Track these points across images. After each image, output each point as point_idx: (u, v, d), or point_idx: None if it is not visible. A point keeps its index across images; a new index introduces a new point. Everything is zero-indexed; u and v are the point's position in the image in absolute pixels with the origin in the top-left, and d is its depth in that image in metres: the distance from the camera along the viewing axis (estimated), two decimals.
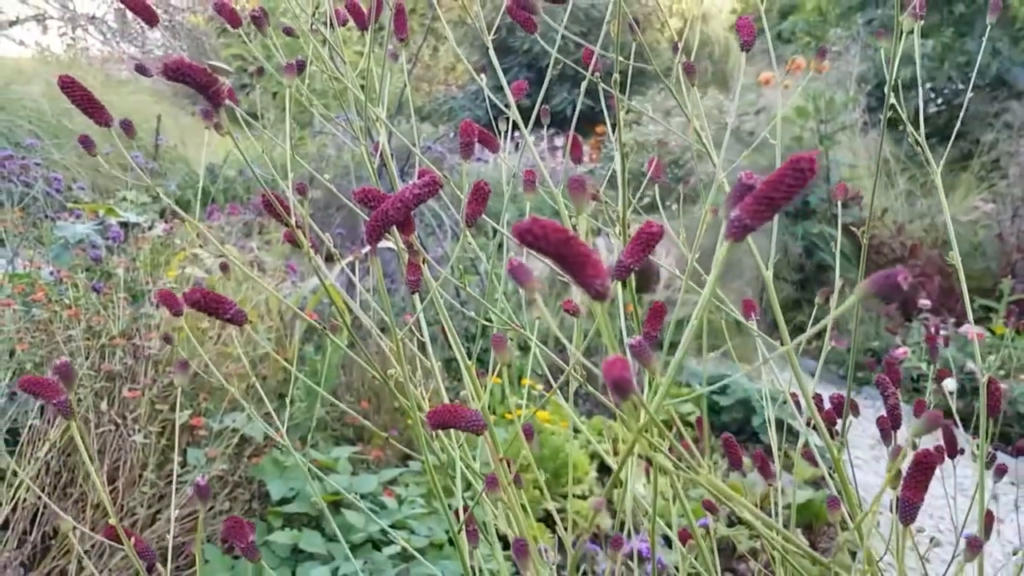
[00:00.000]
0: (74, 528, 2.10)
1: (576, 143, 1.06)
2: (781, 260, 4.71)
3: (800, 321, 4.87)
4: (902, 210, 5.18)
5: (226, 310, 0.68)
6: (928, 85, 8.15)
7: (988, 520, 0.96)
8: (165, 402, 2.32)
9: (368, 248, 0.60)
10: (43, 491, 2.25)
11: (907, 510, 0.62)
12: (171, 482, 2.32)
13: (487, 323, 0.97)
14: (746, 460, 3.17)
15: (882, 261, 4.86)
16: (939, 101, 8.26)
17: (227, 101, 0.68)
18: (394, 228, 0.67)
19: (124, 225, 3.64)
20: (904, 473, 0.62)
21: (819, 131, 4.82)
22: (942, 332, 4.11)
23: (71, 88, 0.71)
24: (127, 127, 0.86)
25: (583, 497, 2.87)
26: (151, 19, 0.86)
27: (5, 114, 5.11)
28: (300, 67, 0.97)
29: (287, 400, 1.58)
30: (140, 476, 2.26)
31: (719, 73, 11.14)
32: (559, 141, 7.56)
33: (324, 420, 2.68)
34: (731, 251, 0.47)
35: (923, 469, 0.59)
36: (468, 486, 1.09)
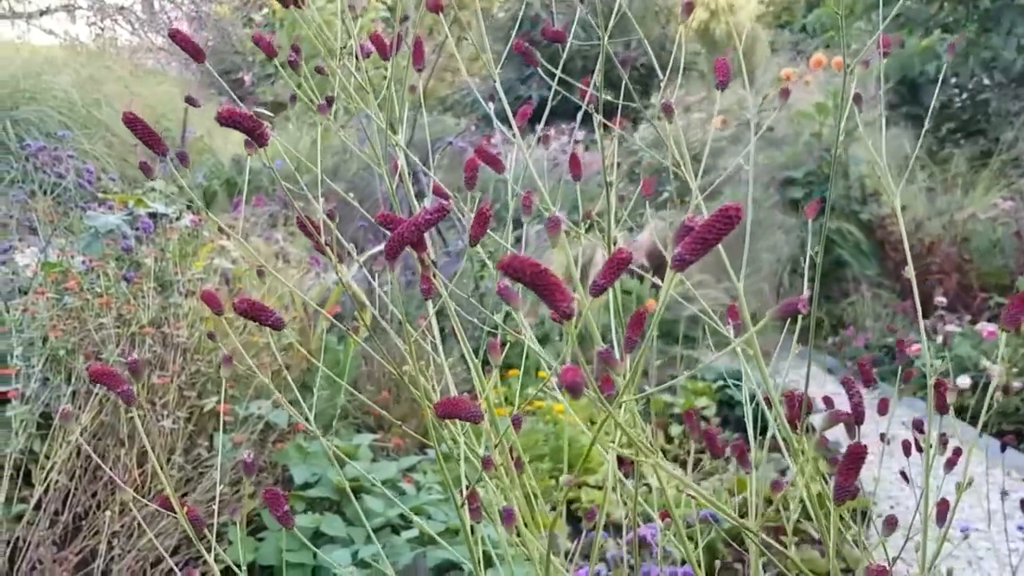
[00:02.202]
0: (104, 510, 2.18)
1: (576, 162, 1.12)
2: (798, 255, 4.74)
3: (816, 317, 4.88)
4: (922, 207, 5.19)
5: (267, 317, 0.75)
6: (953, 80, 8.12)
7: (942, 508, 1.02)
8: (193, 389, 2.39)
9: (388, 263, 0.67)
10: (74, 474, 2.33)
11: (839, 492, 0.68)
12: (198, 466, 2.40)
13: (491, 331, 1.03)
14: (759, 453, 3.20)
15: (899, 258, 4.87)
16: (963, 96, 8.23)
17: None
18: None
19: (153, 216, 3.73)
20: (841, 462, 0.68)
21: (838, 127, 4.82)
22: (954, 328, 4.14)
23: (134, 123, 0.78)
24: (183, 158, 0.93)
25: (598, 487, 2.93)
26: (198, 56, 0.93)
27: (36, 104, 5.22)
28: (329, 103, 1.04)
29: (313, 389, 1.65)
30: (168, 460, 2.34)
31: (746, 65, 11.12)
32: (580, 135, 7.60)
33: (346, 409, 2.75)
34: (675, 279, 0.53)
35: (854, 458, 0.66)
36: (479, 478, 1.15)
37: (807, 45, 9.58)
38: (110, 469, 2.32)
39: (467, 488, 0.88)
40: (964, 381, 3.84)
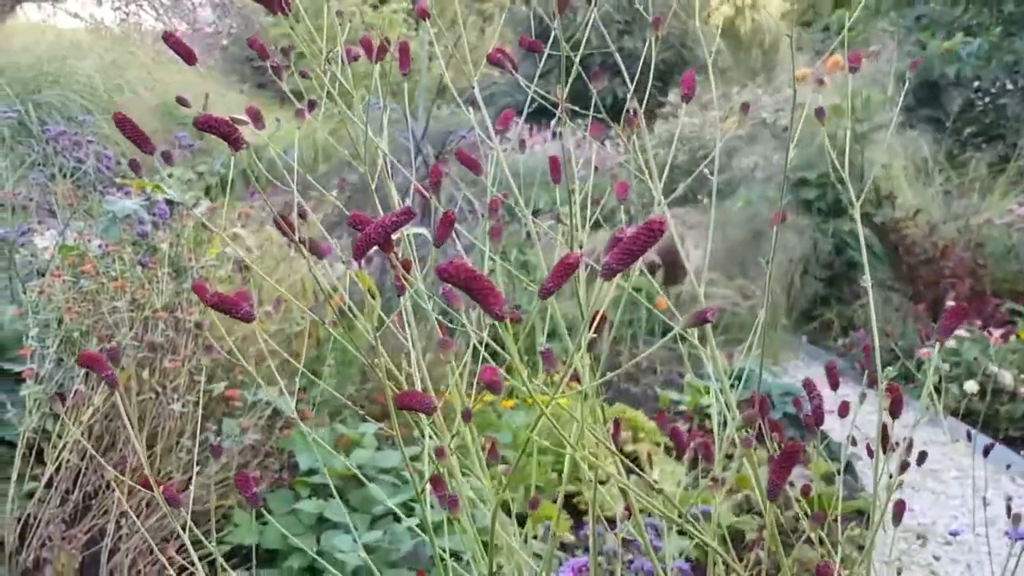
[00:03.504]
0: (113, 489, 2.23)
1: (555, 165, 1.14)
2: (810, 257, 4.75)
3: (828, 318, 4.90)
4: (937, 210, 5.18)
5: (237, 311, 0.79)
6: (975, 83, 8.07)
7: (899, 508, 1.05)
8: (203, 373, 2.43)
9: (355, 261, 0.70)
10: (85, 454, 2.38)
11: (772, 490, 0.70)
12: (206, 449, 2.44)
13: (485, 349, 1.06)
14: (763, 454, 3.21)
15: (913, 261, 4.87)
16: (985, 100, 8.18)
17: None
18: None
19: (170, 202, 3.78)
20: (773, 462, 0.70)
21: (854, 130, 4.83)
22: (964, 333, 4.13)
23: (123, 123, 0.81)
24: (167, 158, 0.96)
25: (602, 482, 2.95)
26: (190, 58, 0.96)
27: (59, 88, 5.28)
28: (312, 106, 1.07)
29: (322, 372, 1.68)
30: (177, 443, 2.38)
31: (769, 63, 11.05)
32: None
33: (353, 396, 2.79)
34: (609, 287, 0.55)
35: (787, 457, 0.68)
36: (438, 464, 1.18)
37: (829, 44, 9.52)
38: (119, 451, 2.36)
39: (433, 479, 0.91)
40: (972, 386, 3.84)
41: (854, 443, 1.26)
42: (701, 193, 5.30)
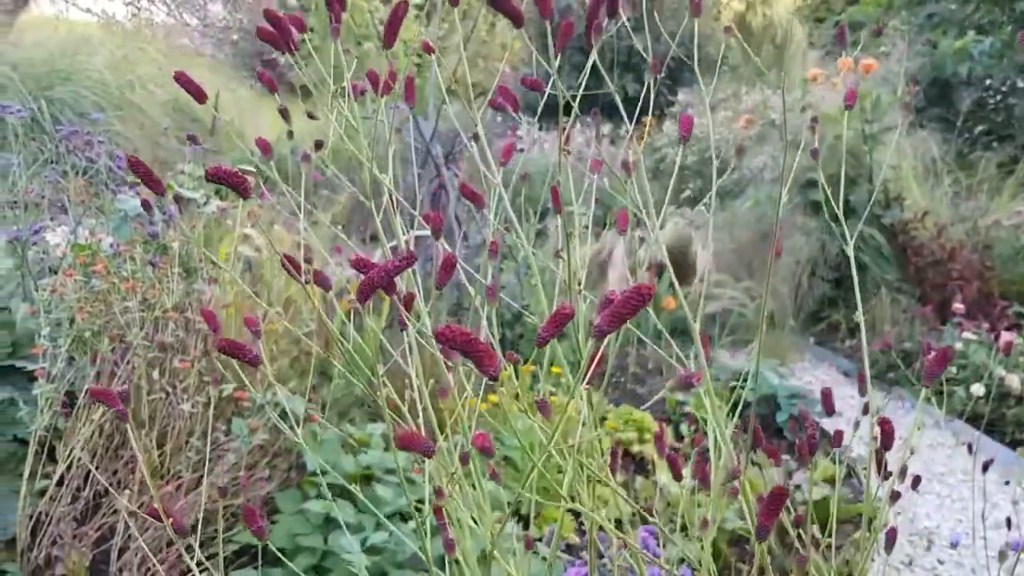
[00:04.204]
0: (123, 488, 2.26)
1: (555, 196, 1.15)
2: (818, 259, 4.75)
3: (835, 320, 4.90)
4: (945, 211, 5.17)
5: (245, 355, 0.81)
6: (987, 81, 8.04)
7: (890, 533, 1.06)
8: (212, 374, 2.46)
9: (360, 304, 0.72)
10: (96, 452, 2.41)
11: (760, 532, 0.71)
12: (214, 449, 2.47)
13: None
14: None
15: (921, 263, 4.86)
16: (996, 98, 8.15)
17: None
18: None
19: (179, 199, 3.80)
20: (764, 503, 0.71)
21: (864, 131, 4.83)
22: (971, 336, 4.13)
23: (137, 166, 0.83)
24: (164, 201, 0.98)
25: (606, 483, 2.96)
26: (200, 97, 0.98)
27: (71, 84, 5.31)
28: (318, 146, 1.09)
29: (331, 372, 1.70)
30: (187, 442, 2.40)
31: (780, 58, 11.00)
32: (606, 128, 7.61)
33: (362, 398, 2.81)
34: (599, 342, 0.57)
35: (774, 501, 0.69)
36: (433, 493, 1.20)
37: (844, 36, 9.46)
38: (129, 450, 2.39)
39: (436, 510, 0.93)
40: (978, 389, 3.84)
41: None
42: (710, 194, 5.30)
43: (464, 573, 1.28)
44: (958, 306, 4.36)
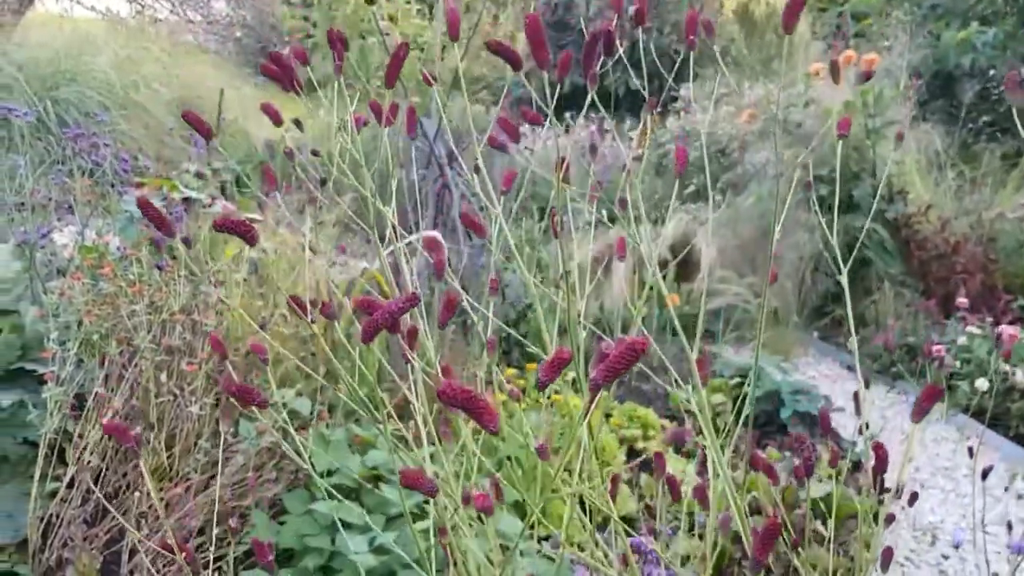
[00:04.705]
0: (133, 490, 2.28)
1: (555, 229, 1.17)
2: (822, 254, 4.75)
3: (838, 315, 4.91)
4: (949, 205, 5.17)
5: (254, 399, 0.84)
6: (991, 72, 8.03)
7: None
8: (220, 376, 2.48)
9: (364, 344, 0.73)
10: (105, 454, 2.44)
11: (754, 566, 0.73)
12: (225, 449, 2.49)
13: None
14: (773, 452, 3.24)
15: (925, 256, 4.86)
16: (1000, 89, 8.12)
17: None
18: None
19: (186, 200, 3.83)
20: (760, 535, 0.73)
21: (867, 126, 4.83)
22: (975, 330, 4.14)
23: (147, 208, 0.84)
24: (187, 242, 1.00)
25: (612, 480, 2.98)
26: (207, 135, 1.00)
27: (76, 84, 5.34)
28: (323, 183, 1.11)
29: (338, 378, 1.72)
30: (195, 444, 2.43)
31: (784, 49, 10.93)
32: (608, 124, 7.62)
33: (371, 398, 2.83)
34: (598, 394, 0.59)
35: (768, 534, 0.71)
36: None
37: (845, 30, 9.47)
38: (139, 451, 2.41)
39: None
40: (983, 384, 3.84)
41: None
42: (714, 189, 5.31)
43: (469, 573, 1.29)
44: (962, 300, 4.37)
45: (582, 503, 2.89)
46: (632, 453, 3.23)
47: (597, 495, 1.05)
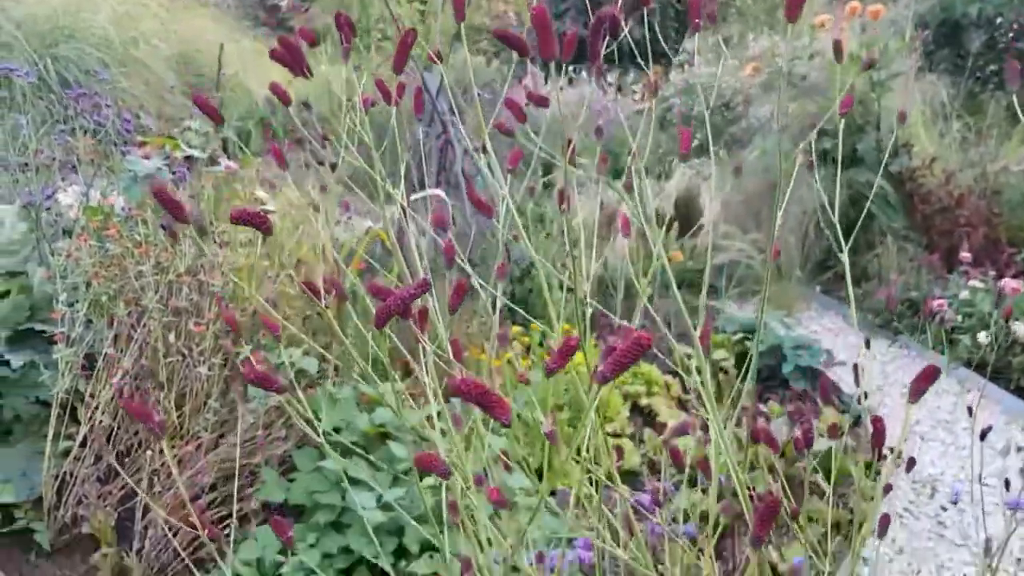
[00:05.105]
0: (145, 449, 2.32)
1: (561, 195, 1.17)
2: (825, 208, 4.72)
3: (841, 269, 4.89)
4: (954, 157, 5.14)
5: (271, 385, 0.86)
6: (997, 21, 7.93)
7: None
8: (228, 336, 2.50)
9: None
10: (117, 414, 2.47)
11: (755, 541, 0.75)
12: (232, 409, 2.52)
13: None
14: (774, 406, 3.27)
15: (928, 210, 4.85)
16: (1007, 38, 8.03)
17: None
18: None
19: (188, 159, 3.83)
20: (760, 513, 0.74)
21: (872, 78, 4.79)
22: (978, 284, 4.15)
23: (161, 195, 0.85)
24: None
25: (616, 435, 3.03)
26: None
27: (75, 41, 5.30)
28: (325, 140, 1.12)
29: (346, 333, 1.74)
30: (204, 403, 2.46)
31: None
32: (612, 77, 7.56)
33: (375, 357, 2.85)
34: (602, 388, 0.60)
35: (768, 510, 0.72)
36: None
37: None
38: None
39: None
40: (984, 338, 3.87)
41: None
42: (718, 144, 5.29)
43: (476, 529, 1.32)
44: (965, 254, 4.37)
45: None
46: (636, 408, 3.27)
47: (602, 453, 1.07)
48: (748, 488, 1.23)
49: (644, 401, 3.22)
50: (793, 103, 4.86)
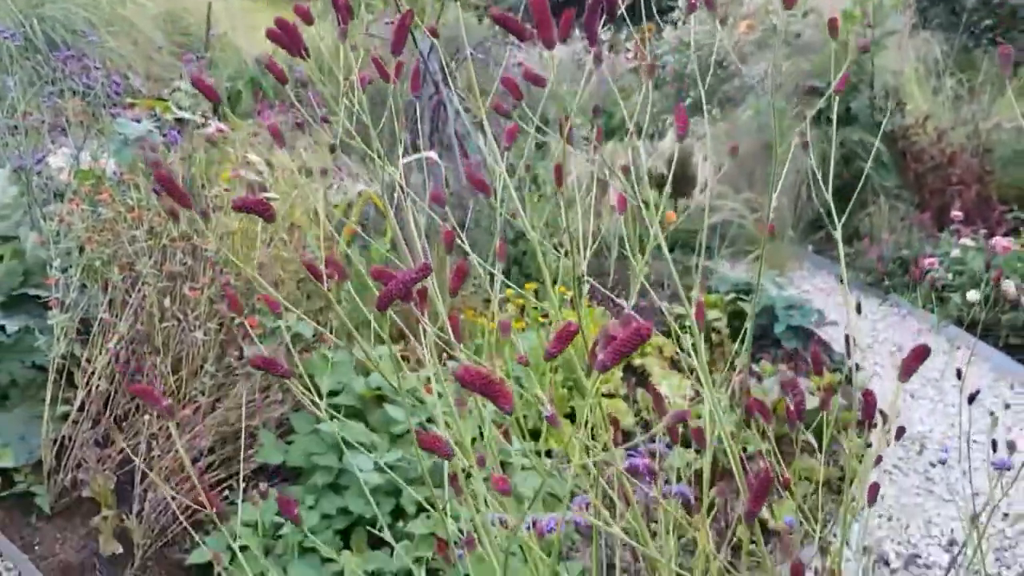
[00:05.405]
0: (143, 413, 2.33)
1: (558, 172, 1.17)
2: (818, 168, 4.72)
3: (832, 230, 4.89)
4: (947, 115, 5.13)
5: (277, 369, 0.88)
6: None
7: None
8: (223, 301, 2.51)
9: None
10: (114, 378, 2.48)
11: (748, 518, 0.76)
12: (229, 373, 2.53)
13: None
14: (767, 365, 3.30)
15: (921, 169, 4.86)
16: None
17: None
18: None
19: (179, 121, 3.80)
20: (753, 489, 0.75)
21: (866, 36, 4.76)
22: (969, 242, 4.17)
23: (164, 180, 0.85)
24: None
25: (610, 396, 3.05)
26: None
27: (62, 1, 5.22)
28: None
29: (340, 296, 1.74)
30: (201, 368, 2.47)
31: None
32: (605, 36, 7.48)
33: (369, 320, 2.86)
34: (608, 375, 0.61)
35: (762, 486, 0.73)
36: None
37: None
38: (146, 376, 2.46)
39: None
40: (974, 295, 3.89)
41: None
42: (711, 102, 5.26)
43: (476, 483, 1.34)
44: (956, 212, 4.39)
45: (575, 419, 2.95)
46: (629, 368, 3.29)
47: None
48: (742, 449, 1.25)
49: (637, 361, 3.24)
50: (787, 61, 4.84)
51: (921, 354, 0.86)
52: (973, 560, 1.49)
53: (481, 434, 1.58)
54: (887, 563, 2.69)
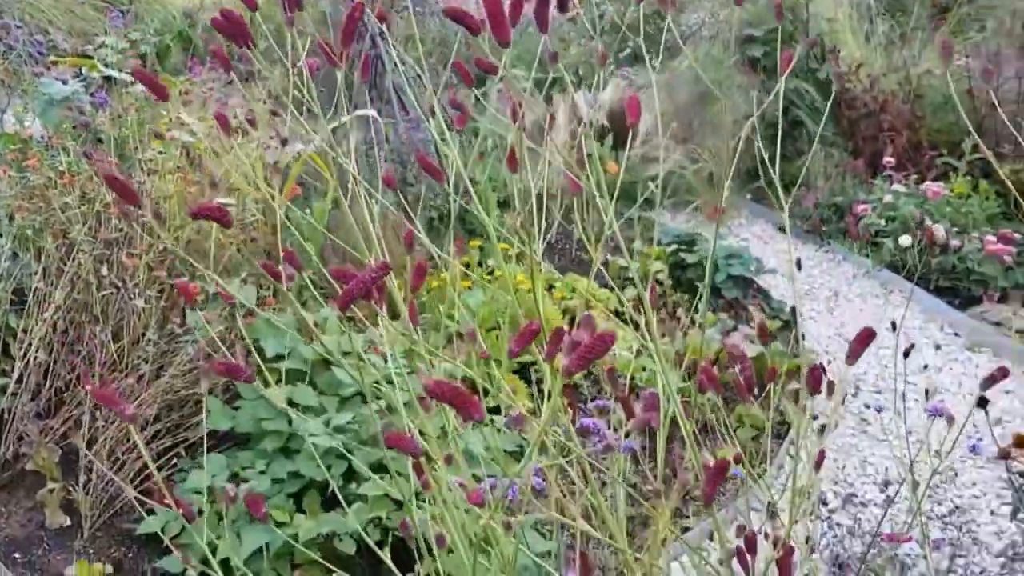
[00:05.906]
0: (82, 384, 2.28)
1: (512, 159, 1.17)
2: (756, 117, 4.76)
3: (771, 177, 4.96)
4: (879, 62, 5.21)
5: (241, 374, 0.86)
6: None
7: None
8: (162, 267, 2.46)
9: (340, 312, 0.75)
10: (52, 348, 2.43)
11: (707, 500, 0.78)
12: (172, 340, 2.50)
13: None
14: (711, 316, 3.35)
15: (854, 116, 4.94)
16: None
17: None
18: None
19: (107, 79, 3.68)
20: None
21: None
22: (900, 188, 4.27)
23: (113, 181, 0.82)
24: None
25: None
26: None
27: None
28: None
29: (279, 258, 1.72)
30: (143, 335, 2.43)
31: None
32: None
33: (314, 280, 2.84)
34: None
35: (717, 471, 0.75)
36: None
37: None
38: (85, 345, 2.41)
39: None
40: (906, 240, 4.00)
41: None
42: (651, 52, 5.25)
43: (430, 443, 1.35)
44: (888, 159, 4.48)
45: (527, 376, 2.98)
46: (574, 321, 3.32)
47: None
48: (685, 398, 1.28)
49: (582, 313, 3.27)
50: (724, 10, 4.85)
51: (866, 337, 0.89)
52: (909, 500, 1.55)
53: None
54: (825, 503, 2.78)
